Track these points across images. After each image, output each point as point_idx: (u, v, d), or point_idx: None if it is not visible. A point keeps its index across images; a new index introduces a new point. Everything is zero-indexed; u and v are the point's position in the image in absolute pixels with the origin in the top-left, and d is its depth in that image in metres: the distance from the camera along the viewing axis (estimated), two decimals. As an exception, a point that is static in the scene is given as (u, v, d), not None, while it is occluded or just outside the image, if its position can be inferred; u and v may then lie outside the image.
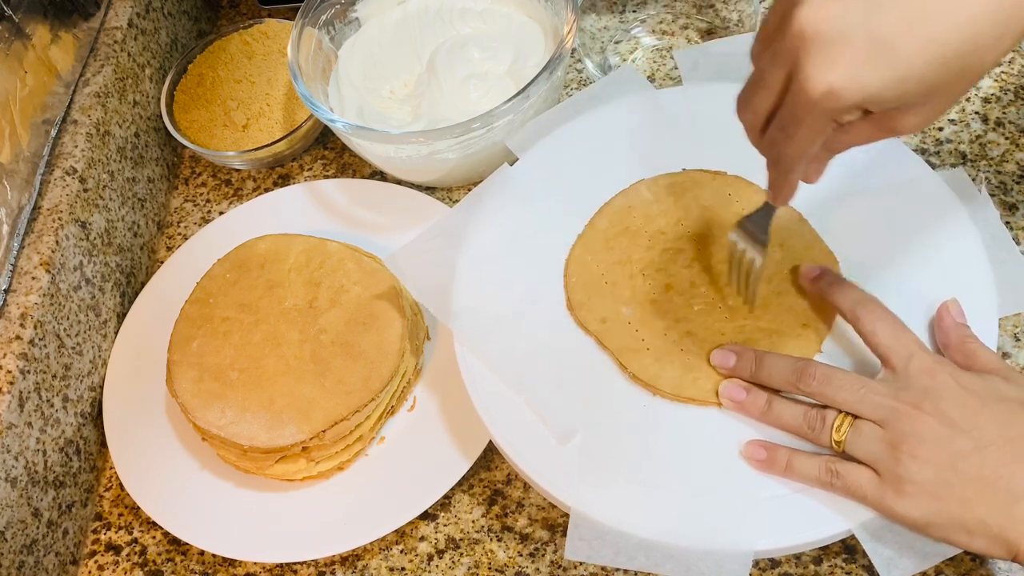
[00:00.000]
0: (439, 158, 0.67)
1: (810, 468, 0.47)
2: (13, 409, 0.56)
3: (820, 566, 0.54)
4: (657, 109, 0.63)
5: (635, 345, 0.54)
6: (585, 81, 0.77)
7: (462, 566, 0.58)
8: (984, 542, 0.43)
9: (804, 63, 0.37)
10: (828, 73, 0.36)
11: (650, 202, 0.59)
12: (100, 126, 0.69)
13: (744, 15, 0.75)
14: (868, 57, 0.36)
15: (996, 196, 0.65)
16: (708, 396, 0.52)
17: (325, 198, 0.73)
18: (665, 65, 0.76)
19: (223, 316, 0.62)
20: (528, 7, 0.75)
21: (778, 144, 0.42)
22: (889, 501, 0.44)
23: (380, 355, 0.60)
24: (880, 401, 0.46)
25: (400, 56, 0.75)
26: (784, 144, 0.41)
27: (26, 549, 0.56)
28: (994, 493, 0.42)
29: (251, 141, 0.75)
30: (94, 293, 0.66)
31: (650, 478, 0.50)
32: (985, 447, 0.43)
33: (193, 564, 0.60)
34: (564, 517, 0.57)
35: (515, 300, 0.57)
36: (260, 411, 0.58)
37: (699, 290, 0.55)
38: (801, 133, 0.40)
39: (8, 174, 0.61)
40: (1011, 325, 0.60)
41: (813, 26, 0.36)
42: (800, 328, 0.53)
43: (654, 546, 0.48)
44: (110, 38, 0.73)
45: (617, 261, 0.57)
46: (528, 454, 0.51)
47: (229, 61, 0.79)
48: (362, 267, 0.63)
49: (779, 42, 0.38)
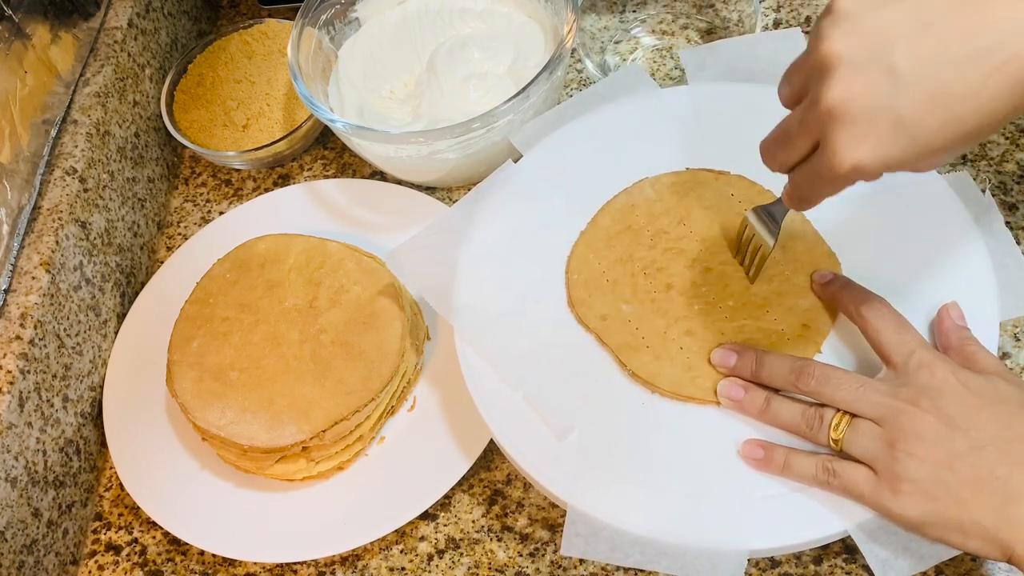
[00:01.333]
0: (439, 158, 0.67)
1: (807, 467, 0.47)
2: (13, 409, 0.56)
3: (820, 566, 0.54)
4: (662, 108, 0.63)
5: (635, 343, 0.54)
6: (585, 81, 0.77)
7: (462, 566, 0.58)
8: (979, 543, 0.43)
9: (832, 138, 0.39)
10: (855, 151, 0.38)
11: (653, 201, 0.60)
12: (100, 126, 0.69)
13: (744, 15, 0.75)
14: (893, 135, 0.38)
15: (996, 196, 0.65)
16: (707, 395, 0.52)
17: (325, 198, 0.73)
18: (665, 65, 0.76)
19: (223, 316, 0.62)
20: (528, 7, 0.75)
21: (801, 188, 0.44)
22: (885, 500, 0.44)
23: (380, 355, 0.60)
24: (878, 399, 0.46)
25: (400, 56, 0.75)
26: (808, 190, 0.44)
27: (26, 549, 0.56)
28: (990, 494, 0.42)
29: (251, 141, 0.75)
30: (94, 293, 0.66)
31: (647, 476, 0.50)
32: (983, 447, 0.43)
33: (193, 564, 0.60)
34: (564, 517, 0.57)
35: (516, 297, 0.57)
36: (260, 411, 0.58)
37: (700, 290, 0.55)
38: (825, 190, 0.43)
39: (8, 174, 0.61)
40: (1011, 325, 0.60)
41: (842, 105, 0.38)
42: (800, 328, 0.53)
43: (650, 543, 0.48)
44: (110, 38, 0.73)
45: (619, 259, 0.57)
46: (527, 450, 0.51)
47: (229, 61, 0.79)
48: (362, 267, 0.63)
49: (809, 112, 0.40)
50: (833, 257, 0.55)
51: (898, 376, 0.47)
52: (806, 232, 0.57)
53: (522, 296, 0.57)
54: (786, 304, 0.54)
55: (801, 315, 0.54)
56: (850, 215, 0.57)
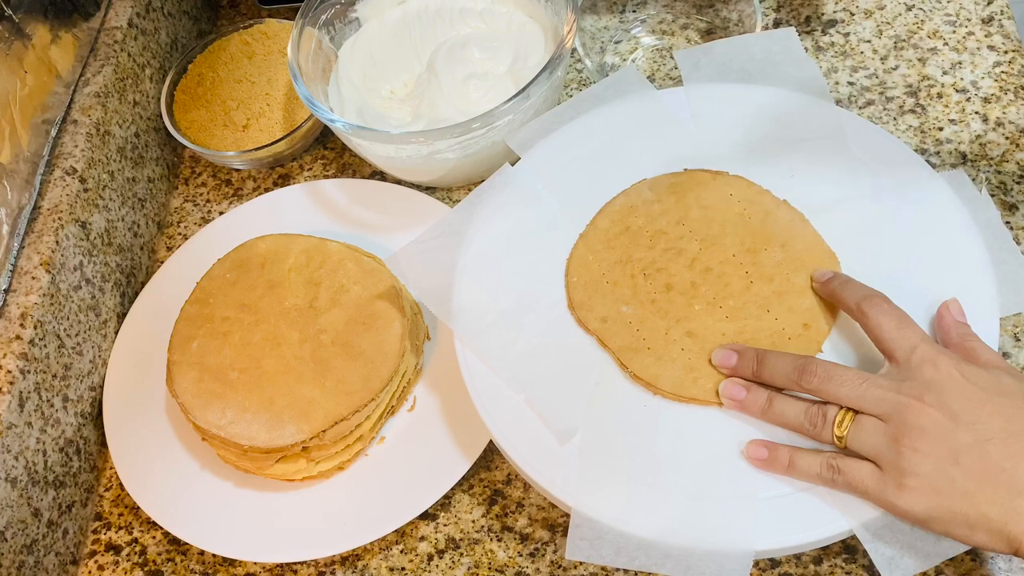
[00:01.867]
0: (439, 158, 0.67)
1: (811, 465, 0.47)
2: (13, 409, 0.56)
3: (820, 566, 0.54)
4: (659, 109, 0.63)
5: (636, 344, 0.54)
6: (585, 81, 0.77)
7: (462, 566, 0.58)
8: (985, 536, 0.43)
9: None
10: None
11: (652, 202, 0.59)
12: (100, 126, 0.69)
13: (744, 15, 0.75)
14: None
15: (996, 196, 0.65)
16: (709, 395, 0.51)
17: (325, 198, 0.73)
18: (665, 65, 0.76)
19: (223, 316, 0.62)
20: (528, 7, 0.75)
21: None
22: (890, 495, 0.44)
23: (380, 355, 0.60)
24: (882, 395, 0.46)
25: (400, 56, 0.75)
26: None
27: (26, 549, 0.56)
28: (996, 487, 0.42)
29: (251, 141, 0.75)
30: (94, 293, 0.66)
31: (650, 478, 0.50)
32: (987, 440, 0.43)
33: (193, 564, 0.60)
34: (564, 517, 0.57)
35: (516, 299, 0.57)
36: (260, 411, 0.58)
37: (700, 290, 0.55)
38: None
39: (8, 174, 0.61)
40: (1011, 325, 0.60)
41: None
42: (801, 328, 0.53)
43: (654, 546, 0.47)
44: (110, 38, 0.73)
45: (618, 260, 0.57)
46: (528, 454, 0.51)
47: (229, 61, 0.79)
48: (362, 267, 0.63)
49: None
50: (833, 257, 0.55)
51: (901, 371, 0.47)
52: (805, 232, 0.57)
53: (521, 299, 0.57)
54: (787, 304, 0.54)
55: (802, 314, 0.54)
56: (849, 215, 0.57)
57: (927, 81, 0.71)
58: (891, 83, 0.72)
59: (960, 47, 0.73)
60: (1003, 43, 0.72)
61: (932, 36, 0.74)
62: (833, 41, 0.75)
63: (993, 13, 0.74)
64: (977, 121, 0.69)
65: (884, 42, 0.74)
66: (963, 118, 0.69)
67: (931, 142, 0.68)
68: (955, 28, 0.74)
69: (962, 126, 0.69)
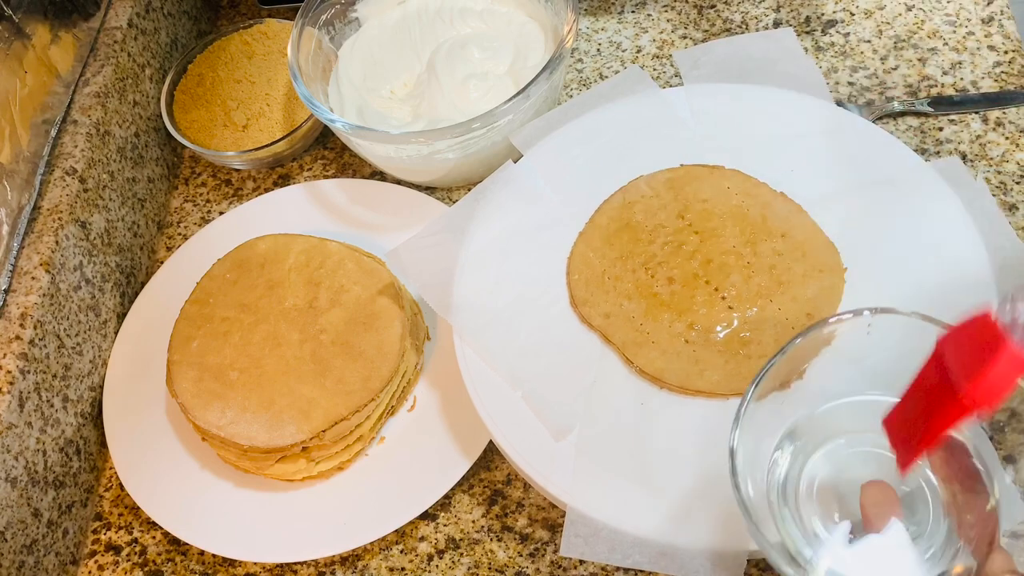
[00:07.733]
0: (439, 158, 0.67)
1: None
2: (13, 409, 0.56)
3: (820, 566, 0.54)
4: (661, 108, 0.63)
5: (640, 339, 0.54)
6: (585, 81, 0.77)
7: (462, 566, 0.58)
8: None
9: None
10: None
11: (650, 197, 0.60)
12: (100, 126, 0.69)
13: (747, 17, 0.75)
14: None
15: (996, 196, 0.65)
16: (715, 388, 0.51)
17: (325, 198, 0.73)
18: (665, 65, 0.76)
19: (223, 316, 0.62)
20: (528, 7, 0.75)
21: None
22: None
23: (380, 355, 0.60)
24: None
25: (400, 56, 0.75)
26: None
27: (26, 549, 0.56)
28: None
29: (251, 141, 0.75)
30: (94, 293, 0.66)
31: (646, 475, 0.50)
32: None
33: (193, 564, 0.60)
34: (564, 517, 0.57)
35: (516, 296, 0.57)
36: (260, 411, 0.58)
37: (702, 281, 0.55)
38: None
39: (8, 174, 0.61)
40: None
41: None
42: (805, 318, 0.53)
43: (649, 544, 0.48)
44: (110, 38, 0.73)
45: (619, 256, 0.58)
46: (526, 451, 0.51)
47: (229, 61, 0.79)
48: (362, 267, 0.63)
49: None
50: (832, 247, 0.56)
51: None
52: (804, 223, 0.57)
53: (521, 296, 0.57)
54: (789, 293, 0.54)
55: (805, 304, 0.54)
56: (846, 206, 0.57)
57: (927, 81, 0.71)
58: (891, 83, 0.72)
59: (960, 47, 0.73)
60: (1003, 43, 0.72)
61: (932, 36, 0.74)
62: (833, 41, 0.75)
63: (993, 13, 0.74)
64: (977, 121, 0.69)
65: (884, 42, 0.74)
66: (963, 118, 0.69)
67: (931, 142, 0.68)
68: (955, 28, 0.74)
69: (962, 126, 0.69)
